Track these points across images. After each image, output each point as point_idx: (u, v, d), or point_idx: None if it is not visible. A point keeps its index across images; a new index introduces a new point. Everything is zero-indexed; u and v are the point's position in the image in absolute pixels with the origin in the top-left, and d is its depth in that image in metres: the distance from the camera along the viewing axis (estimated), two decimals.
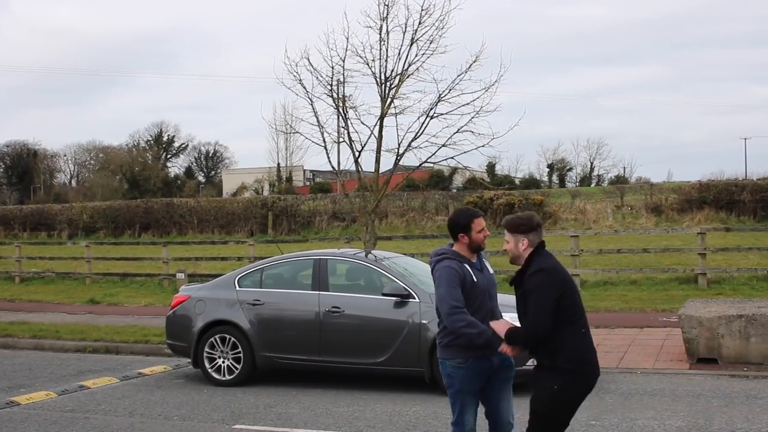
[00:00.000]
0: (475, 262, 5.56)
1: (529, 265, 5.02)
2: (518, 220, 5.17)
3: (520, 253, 5.09)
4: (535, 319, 4.91)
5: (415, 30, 14.50)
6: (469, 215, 5.56)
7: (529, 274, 4.97)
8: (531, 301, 4.92)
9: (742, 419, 7.97)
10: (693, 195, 33.31)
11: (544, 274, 4.96)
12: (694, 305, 11.38)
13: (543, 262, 5.03)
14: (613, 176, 77.21)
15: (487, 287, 5.53)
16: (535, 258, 5.06)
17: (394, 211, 36.76)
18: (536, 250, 5.09)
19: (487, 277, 5.61)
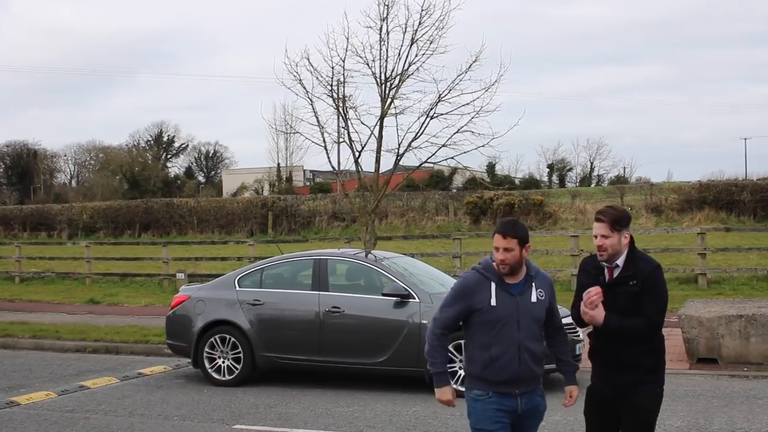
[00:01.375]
0: (514, 283, 4.72)
1: (635, 261, 4.74)
2: (620, 213, 4.82)
3: (622, 249, 4.76)
4: (659, 317, 4.70)
5: (415, 30, 14.52)
6: (498, 225, 4.80)
7: (652, 270, 4.71)
8: (652, 298, 4.67)
9: (742, 419, 7.97)
10: (693, 195, 33.32)
11: (661, 271, 4.80)
12: (694, 305, 11.38)
13: (650, 258, 4.86)
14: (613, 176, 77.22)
15: (514, 315, 4.66)
16: (637, 253, 4.82)
17: (394, 211, 36.75)
18: (634, 244, 4.84)
19: (526, 305, 4.71)
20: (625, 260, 4.76)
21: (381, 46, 14.62)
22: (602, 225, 4.75)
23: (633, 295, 4.69)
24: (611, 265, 4.77)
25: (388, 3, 14.53)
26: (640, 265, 4.73)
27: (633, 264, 4.74)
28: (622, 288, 4.72)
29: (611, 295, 4.72)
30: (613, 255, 4.74)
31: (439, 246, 23.37)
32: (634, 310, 4.68)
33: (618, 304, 4.71)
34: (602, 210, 4.87)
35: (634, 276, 4.71)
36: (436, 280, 10.72)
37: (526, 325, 4.69)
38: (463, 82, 14.59)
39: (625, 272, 4.74)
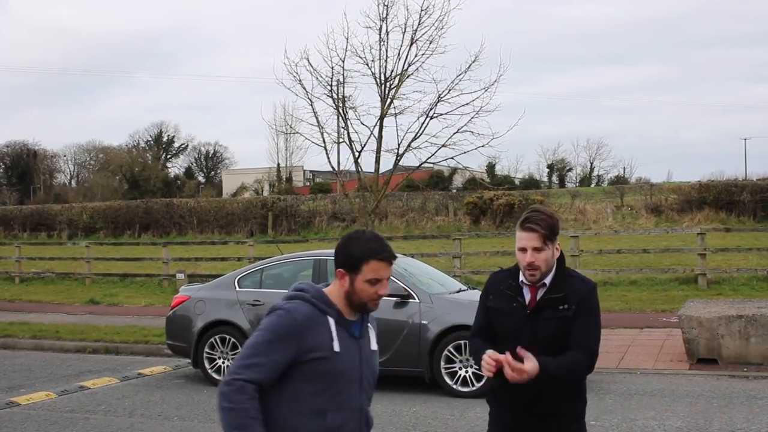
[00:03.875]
0: (352, 320, 3.28)
1: (567, 279, 3.78)
2: (554, 220, 3.78)
3: (553, 263, 3.78)
4: (597, 346, 3.80)
5: (414, 30, 14.56)
6: (368, 249, 3.21)
7: (589, 291, 3.77)
8: (591, 324, 3.75)
9: (742, 419, 7.97)
10: (693, 195, 33.30)
11: (597, 292, 3.86)
12: (694, 306, 11.38)
13: (584, 276, 3.91)
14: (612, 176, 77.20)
15: (358, 370, 3.25)
16: (568, 269, 3.87)
17: (393, 211, 36.74)
18: (563, 258, 3.88)
19: (367, 354, 3.31)
20: (554, 278, 3.76)
21: (381, 46, 14.67)
22: (535, 236, 3.68)
23: (564, 322, 3.70)
24: (536, 285, 3.75)
25: (388, 3, 14.57)
26: (575, 285, 3.76)
27: (565, 283, 3.75)
28: (549, 313, 3.71)
29: (533, 321, 3.72)
30: (545, 273, 3.74)
31: (439, 246, 23.38)
32: (561, 340, 3.70)
33: (542, 333, 3.70)
34: (532, 216, 3.74)
35: (566, 298, 3.71)
36: (436, 280, 10.73)
37: (367, 383, 3.32)
38: (462, 82, 14.64)
39: (554, 293, 3.73)
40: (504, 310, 3.80)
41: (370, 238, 3.27)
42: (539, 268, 3.69)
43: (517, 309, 3.76)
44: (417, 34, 14.54)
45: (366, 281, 3.19)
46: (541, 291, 3.76)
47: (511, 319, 3.77)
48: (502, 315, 3.80)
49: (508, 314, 3.78)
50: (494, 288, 3.90)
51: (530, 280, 3.73)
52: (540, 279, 3.73)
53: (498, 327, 3.84)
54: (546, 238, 3.68)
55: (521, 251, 3.71)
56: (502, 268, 4.01)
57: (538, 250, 3.68)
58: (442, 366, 9.44)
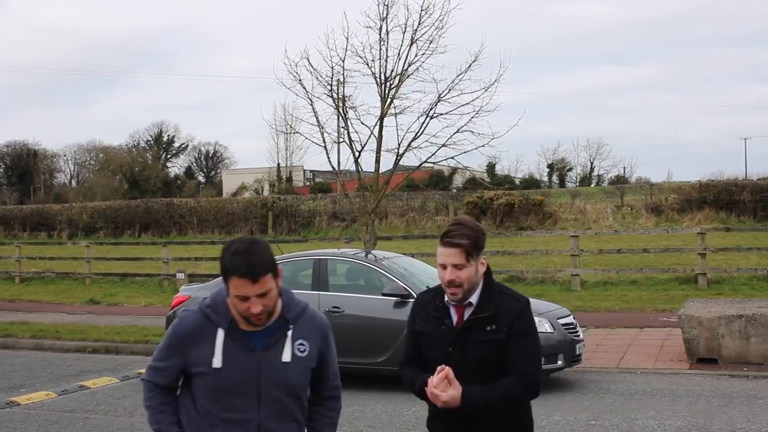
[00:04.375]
0: (252, 331, 3.09)
1: (495, 296, 3.45)
2: (477, 232, 3.44)
3: (478, 280, 3.47)
4: (537, 370, 3.48)
5: (414, 30, 14.53)
6: (228, 263, 3.02)
7: (520, 309, 3.43)
8: (526, 346, 3.42)
9: (742, 419, 7.97)
10: (693, 195, 33.30)
11: (531, 309, 3.51)
12: (694, 305, 11.38)
13: (516, 292, 3.56)
14: (613, 176, 77.22)
15: (254, 384, 3.07)
16: (497, 285, 3.54)
17: (394, 211, 36.74)
18: (490, 273, 3.56)
19: (272, 367, 3.09)
20: (481, 296, 3.45)
21: (381, 46, 14.64)
22: (455, 251, 3.38)
23: (494, 345, 3.39)
24: (462, 304, 3.46)
25: (388, 3, 14.54)
26: (505, 303, 3.44)
27: (492, 301, 3.43)
28: (478, 335, 3.40)
29: (461, 345, 3.41)
30: (469, 291, 3.43)
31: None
32: (493, 364, 3.39)
33: (472, 357, 3.40)
34: (453, 230, 3.43)
35: (494, 318, 3.39)
36: (436, 280, 10.72)
37: (271, 398, 3.09)
38: (462, 81, 14.61)
39: (481, 312, 3.42)
40: (431, 333, 3.50)
41: (236, 250, 3.00)
42: (461, 286, 3.38)
43: (445, 332, 3.45)
44: (417, 34, 14.53)
45: (234, 296, 3.01)
46: (468, 311, 3.46)
47: (439, 343, 3.46)
48: (430, 339, 3.50)
49: (435, 338, 3.48)
50: (421, 310, 3.59)
51: (452, 299, 3.42)
52: (464, 298, 3.43)
53: (426, 352, 3.52)
54: (468, 254, 3.38)
55: (442, 268, 3.42)
56: (429, 288, 3.75)
57: (459, 267, 3.37)
58: None
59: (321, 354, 3.22)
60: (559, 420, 8.13)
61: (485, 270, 3.50)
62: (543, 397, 9.19)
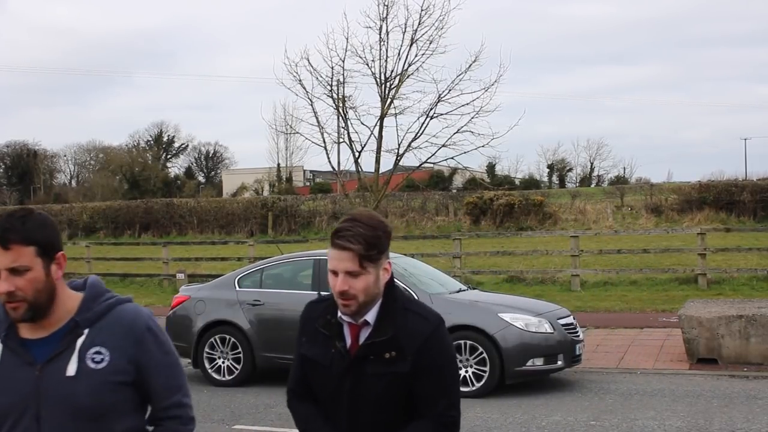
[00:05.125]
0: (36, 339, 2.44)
1: (399, 315, 2.70)
2: (377, 231, 2.68)
3: (379, 291, 2.71)
4: (456, 409, 2.73)
5: (414, 30, 14.59)
6: None
7: (431, 332, 2.67)
8: (441, 380, 2.69)
9: (742, 419, 7.97)
10: (693, 195, 33.31)
11: (445, 329, 2.77)
12: (694, 305, 11.38)
13: (427, 309, 2.79)
14: (613, 176, 77.20)
15: (33, 403, 2.40)
16: (402, 300, 2.77)
17: (394, 211, 36.74)
18: (394, 282, 2.81)
19: (54, 383, 2.40)
20: (380, 313, 2.70)
21: (381, 46, 14.69)
22: (347, 255, 2.64)
23: (395, 379, 2.66)
24: (357, 321, 2.71)
25: (388, 3, 14.59)
26: (410, 324, 2.67)
27: (393, 321, 2.68)
28: (374, 365, 2.67)
29: (355, 377, 2.68)
30: (366, 304, 2.68)
31: (439, 246, 23.37)
32: (395, 405, 2.69)
33: (367, 395, 2.68)
34: (346, 228, 2.67)
35: (393, 343, 2.65)
36: (436, 280, 10.74)
37: (56, 425, 2.40)
38: (462, 82, 14.67)
39: (379, 335, 2.67)
40: (319, 358, 2.75)
41: None
42: (355, 298, 2.64)
43: (336, 358, 2.70)
44: (417, 34, 14.59)
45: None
46: (365, 332, 2.70)
47: (328, 372, 2.73)
48: (318, 366, 2.76)
49: (324, 365, 2.74)
50: (308, 326, 2.83)
51: (344, 311, 2.68)
52: (359, 312, 2.67)
53: (314, 382, 2.82)
54: (365, 259, 2.62)
55: (332, 275, 2.69)
56: (321, 295, 2.97)
57: (353, 274, 2.63)
58: None
59: (138, 364, 2.48)
60: (559, 420, 8.13)
61: (388, 279, 2.73)
62: (543, 397, 9.20)
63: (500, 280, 18.58)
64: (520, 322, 9.48)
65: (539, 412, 8.47)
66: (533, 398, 9.14)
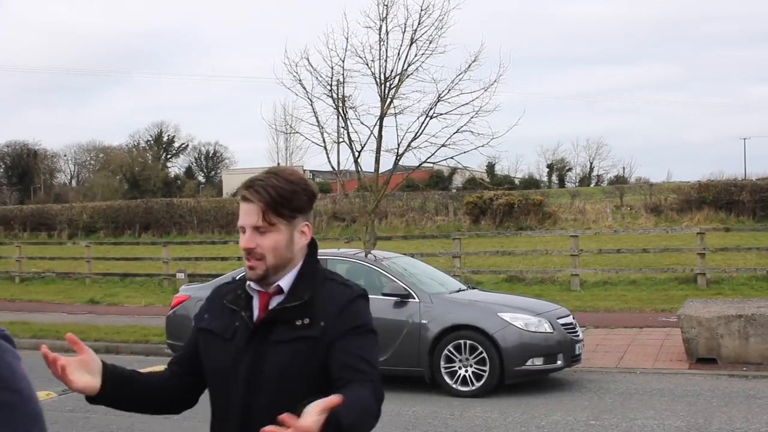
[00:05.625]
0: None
1: (316, 282, 2.42)
2: (292, 185, 2.44)
3: (294, 257, 2.45)
4: (376, 375, 2.47)
5: (414, 30, 14.54)
6: None
7: (349, 300, 2.39)
8: (365, 344, 2.40)
9: (741, 419, 7.99)
10: (692, 195, 33.35)
11: (367, 302, 2.47)
12: (694, 305, 11.40)
13: (347, 281, 2.51)
14: (612, 176, 77.25)
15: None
16: (322, 270, 2.51)
17: (393, 211, 36.77)
18: (316, 251, 2.53)
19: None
20: (296, 279, 2.42)
21: (380, 46, 14.65)
22: (255, 208, 2.44)
23: (303, 347, 2.32)
24: (268, 289, 2.43)
25: (388, 3, 14.55)
26: (328, 291, 2.40)
27: (312, 286, 2.40)
28: (281, 332, 2.35)
29: (255, 347, 2.36)
30: (276, 268, 2.41)
31: (439, 246, 23.39)
32: (299, 377, 2.33)
33: (269, 366, 2.34)
34: (259, 180, 2.48)
35: (307, 308, 2.36)
36: (436, 280, 10.76)
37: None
38: (462, 81, 14.61)
39: (292, 299, 2.38)
40: (221, 331, 2.45)
41: None
42: (262, 259, 2.39)
43: (240, 330, 2.40)
44: (417, 34, 14.53)
45: None
46: (275, 300, 2.42)
47: (227, 346, 2.41)
48: (218, 340, 2.45)
49: (225, 338, 2.43)
50: (214, 303, 2.57)
51: (250, 276, 2.41)
52: (266, 277, 2.40)
53: (210, 357, 2.47)
54: (276, 214, 2.39)
55: (241, 232, 2.50)
56: (235, 278, 2.61)
57: (260, 230, 2.41)
58: (441, 365, 9.46)
59: None
60: (558, 420, 8.15)
61: (308, 245, 2.48)
62: (542, 396, 9.22)
63: (500, 280, 18.61)
64: (519, 321, 9.50)
65: (539, 412, 8.49)
66: (533, 398, 9.16)
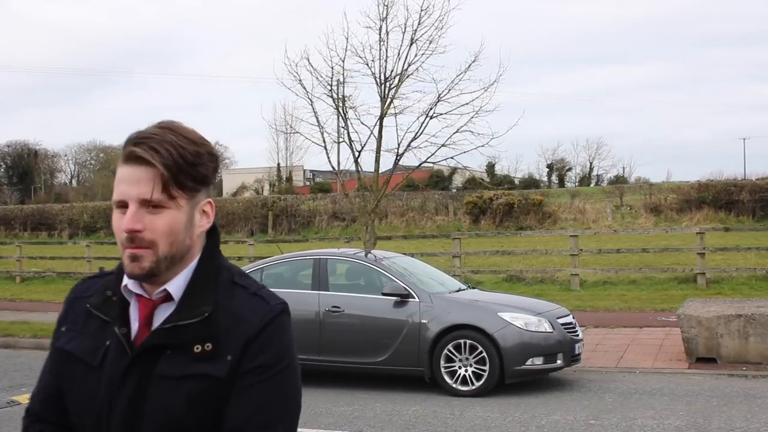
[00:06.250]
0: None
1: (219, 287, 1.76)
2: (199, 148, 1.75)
3: (192, 246, 1.75)
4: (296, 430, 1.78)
5: (414, 30, 14.58)
6: None
7: (269, 318, 1.77)
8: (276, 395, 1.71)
9: (740, 418, 8.00)
10: (692, 195, 33.36)
11: (289, 320, 1.85)
12: (693, 305, 11.41)
13: (265, 291, 1.84)
14: (612, 176, 77.22)
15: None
16: (229, 268, 1.82)
17: (393, 211, 36.77)
18: (218, 241, 1.85)
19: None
20: (192, 281, 1.75)
21: (380, 46, 14.68)
22: (147, 173, 1.68)
23: (205, 388, 1.69)
24: (152, 295, 1.75)
25: (388, 3, 14.59)
26: (240, 304, 1.76)
27: (214, 294, 1.75)
28: (171, 364, 1.69)
29: (140, 382, 1.69)
30: (171, 260, 1.72)
31: (439, 246, 23.40)
32: (198, 428, 1.69)
33: (159, 410, 1.69)
34: (149, 135, 1.71)
35: (210, 329, 1.70)
36: (436, 279, 10.77)
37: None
38: (462, 82, 14.65)
39: (187, 314, 1.71)
40: (84, 355, 1.75)
41: None
42: (152, 247, 1.66)
43: (112, 353, 1.71)
44: (417, 34, 14.57)
45: None
46: (164, 311, 1.72)
47: (96, 377, 1.72)
48: (81, 367, 1.75)
49: (92, 365, 1.73)
50: (74, 308, 1.83)
51: (132, 270, 1.68)
52: (154, 276, 1.69)
53: (72, 395, 1.76)
54: (174, 183, 1.67)
55: (117, 208, 1.70)
56: (103, 270, 1.98)
57: (152, 205, 1.66)
58: (441, 365, 9.47)
59: None
60: (558, 419, 8.16)
61: (208, 233, 1.78)
62: (542, 396, 9.23)
63: (500, 280, 18.61)
64: (519, 321, 9.51)
65: (538, 411, 8.51)
66: (533, 397, 9.17)
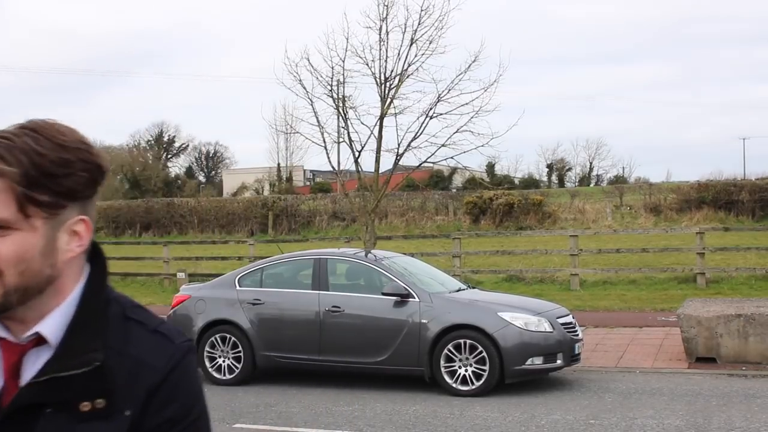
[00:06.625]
0: None
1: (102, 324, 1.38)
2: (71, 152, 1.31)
3: (58, 273, 1.34)
4: None
5: (414, 30, 14.59)
6: None
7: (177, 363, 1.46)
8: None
9: (740, 418, 8.01)
10: (692, 195, 33.35)
11: (194, 361, 1.57)
12: (693, 305, 11.42)
13: (157, 319, 1.49)
14: (612, 176, 77.23)
15: None
16: (114, 295, 1.45)
17: (393, 211, 36.77)
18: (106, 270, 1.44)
19: None
20: (73, 322, 1.36)
21: (381, 46, 14.70)
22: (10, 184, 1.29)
23: None
24: (19, 339, 1.36)
25: (388, 3, 14.60)
26: (137, 345, 1.40)
27: (102, 335, 1.36)
28: (54, 422, 1.32)
29: None
30: (23, 294, 1.32)
31: (439, 246, 23.41)
32: None
33: None
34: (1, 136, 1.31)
35: (104, 379, 1.34)
36: (436, 279, 10.79)
37: None
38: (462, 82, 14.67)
39: (68, 363, 1.32)
40: None
41: None
42: (12, 284, 1.33)
43: None
44: (417, 34, 14.58)
45: None
46: (35, 358, 1.38)
47: None
48: None
49: None
50: None
51: None
52: (6, 309, 1.35)
53: None
54: (27, 198, 1.32)
55: None
56: None
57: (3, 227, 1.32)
58: (441, 365, 9.48)
59: None
60: (558, 419, 8.17)
61: (90, 258, 1.45)
62: (542, 396, 9.24)
63: (500, 280, 18.63)
64: (519, 321, 9.52)
65: (538, 411, 8.52)
66: (532, 397, 9.18)
